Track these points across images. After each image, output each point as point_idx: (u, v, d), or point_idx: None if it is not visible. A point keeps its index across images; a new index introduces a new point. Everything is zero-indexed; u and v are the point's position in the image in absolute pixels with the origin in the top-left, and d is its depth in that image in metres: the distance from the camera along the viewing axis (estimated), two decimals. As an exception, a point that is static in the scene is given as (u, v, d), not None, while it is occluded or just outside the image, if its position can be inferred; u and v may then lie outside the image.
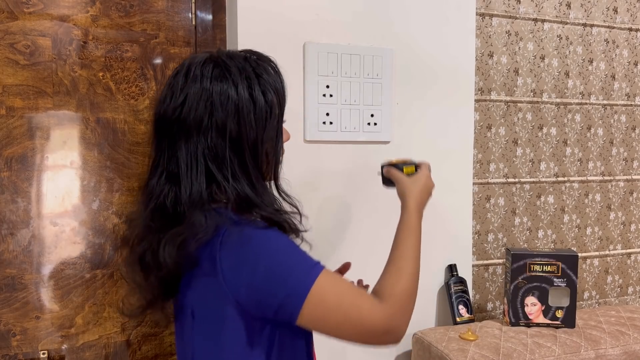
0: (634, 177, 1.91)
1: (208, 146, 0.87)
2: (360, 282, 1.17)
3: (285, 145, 1.27)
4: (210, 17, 1.39)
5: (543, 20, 1.73)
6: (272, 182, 0.96)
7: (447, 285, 1.56)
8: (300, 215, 0.94)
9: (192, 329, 0.90)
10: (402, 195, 1.11)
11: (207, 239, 0.84)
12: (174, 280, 0.90)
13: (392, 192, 1.51)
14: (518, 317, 1.46)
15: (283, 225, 0.90)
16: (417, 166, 1.20)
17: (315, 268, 0.85)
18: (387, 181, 1.22)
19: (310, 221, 1.43)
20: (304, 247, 0.89)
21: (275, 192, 0.96)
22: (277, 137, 0.94)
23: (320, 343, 1.19)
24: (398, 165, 1.20)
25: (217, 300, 0.85)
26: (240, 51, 0.96)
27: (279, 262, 0.84)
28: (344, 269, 1.20)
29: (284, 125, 1.01)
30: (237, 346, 0.86)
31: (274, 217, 0.89)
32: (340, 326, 0.86)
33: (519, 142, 1.73)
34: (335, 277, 0.87)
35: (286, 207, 0.96)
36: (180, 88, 0.89)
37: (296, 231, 0.92)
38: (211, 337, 0.88)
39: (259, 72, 0.92)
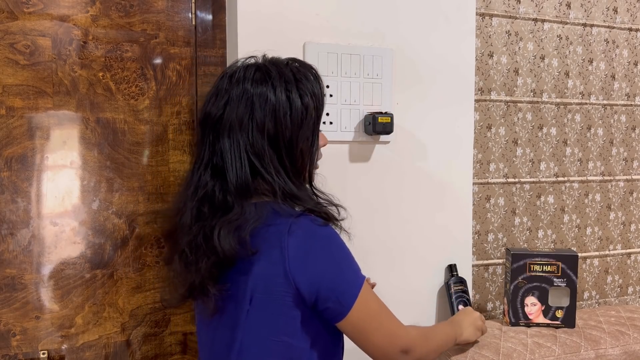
0: (634, 177, 1.91)
1: (249, 142, 0.96)
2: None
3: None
4: (210, 17, 1.39)
5: (543, 20, 1.73)
6: (307, 182, 1.05)
7: (447, 285, 1.56)
8: (337, 206, 1.02)
9: (247, 315, 0.95)
10: (458, 324, 1.26)
11: (257, 226, 0.92)
12: (224, 267, 0.95)
13: (391, 192, 1.51)
14: (518, 317, 1.46)
15: (323, 216, 0.99)
16: (391, 117, 1.39)
17: (360, 275, 0.97)
18: (370, 129, 1.40)
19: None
20: (343, 236, 1.00)
21: (311, 192, 1.05)
22: (312, 138, 1.02)
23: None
24: (375, 115, 1.38)
25: (279, 286, 0.92)
26: (284, 59, 1.05)
27: (338, 262, 0.94)
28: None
29: (322, 132, 1.07)
30: (290, 330, 0.94)
31: (316, 209, 0.98)
32: (375, 331, 0.97)
33: (519, 142, 1.73)
34: (372, 291, 1.00)
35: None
36: (224, 89, 0.99)
37: (335, 220, 1.01)
38: (267, 323, 0.94)
39: (298, 77, 1.00)
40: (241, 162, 0.95)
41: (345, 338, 1.04)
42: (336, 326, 0.97)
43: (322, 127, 1.41)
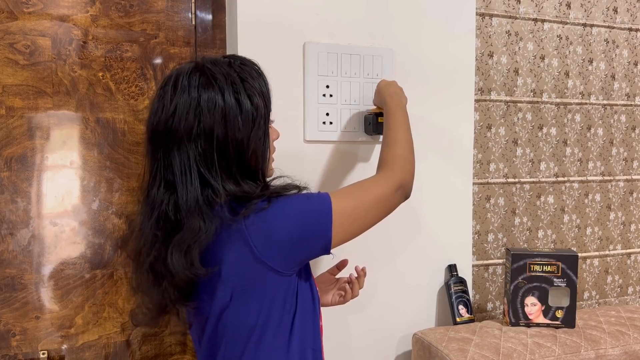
0: (634, 177, 1.91)
1: (199, 152, 0.92)
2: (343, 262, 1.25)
3: (286, 145, 1.28)
4: (210, 17, 1.39)
5: (543, 20, 1.73)
6: (262, 180, 1.02)
7: (447, 285, 1.56)
8: (300, 186, 1.01)
9: (228, 315, 0.95)
10: (382, 102, 1.29)
11: (209, 240, 0.90)
12: (190, 286, 0.94)
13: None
14: (518, 317, 1.46)
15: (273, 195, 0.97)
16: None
17: (322, 197, 0.97)
18: (370, 129, 1.41)
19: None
20: None
21: (266, 190, 1.01)
22: (264, 137, 0.99)
23: (325, 341, 1.19)
24: (375, 115, 1.40)
25: (254, 274, 0.92)
26: (224, 57, 1.01)
27: (297, 215, 0.94)
28: (341, 265, 1.26)
29: (273, 125, 1.04)
30: (275, 309, 0.95)
31: (262, 196, 0.95)
32: (367, 215, 1.02)
33: (519, 142, 1.73)
34: (339, 191, 1.02)
35: None
36: (170, 99, 0.94)
37: (293, 188, 1.00)
38: (250, 314, 0.94)
39: (243, 76, 0.96)
40: (191, 176, 0.92)
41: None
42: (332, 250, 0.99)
43: (323, 127, 1.41)
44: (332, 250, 0.99)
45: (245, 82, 0.95)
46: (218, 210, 0.92)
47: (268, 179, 1.03)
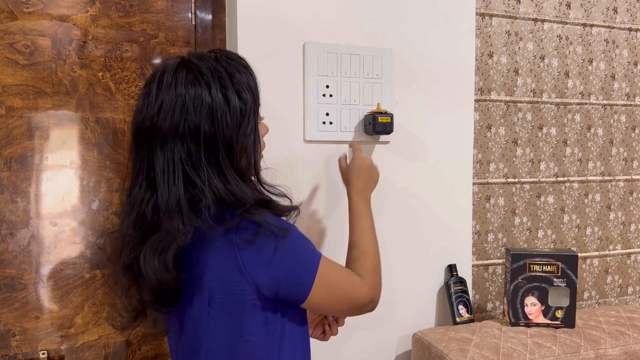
0: (634, 177, 1.91)
1: (185, 151, 0.88)
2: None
3: (286, 145, 1.28)
4: (209, 17, 1.39)
5: (543, 20, 1.73)
6: (255, 177, 0.98)
7: (447, 285, 1.56)
8: (290, 198, 0.98)
9: (208, 319, 0.91)
10: (345, 184, 1.24)
11: (186, 243, 0.86)
12: (166, 290, 0.90)
13: (391, 192, 1.52)
14: (518, 317, 1.46)
15: (271, 211, 0.94)
16: (391, 117, 1.40)
17: (317, 255, 0.95)
18: (370, 129, 1.41)
19: (309, 222, 1.43)
20: (297, 224, 0.98)
21: (259, 186, 0.98)
22: (253, 133, 0.95)
23: (319, 344, 1.19)
24: (375, 115, 1.39)
25: (237, 285, 0.89)
26: (210, 52, 0.97)
27: (290, 254, 0.91)
28: None
29: (264, 121, 1.01)
30: (254, 328, 0.92)
31: (255, 213, 0.90)
32: (340, 301, 0.99)
33: (519, 142, 1.73)
34: (331, 261, 0.98)
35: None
36: (154, 96, 0.90)
37: (285, 213, 0.97)
38: (230, 323, 0.91)
39: (231, 71, 0.93)
40: (174, 175, 0.88)
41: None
42: (301, 307, 0.96)
43: (323, 127, 1.41)
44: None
45: (233, 76, 0.91)
46: (202, 214, 0.87)
47: (262, 180, 0.98)
